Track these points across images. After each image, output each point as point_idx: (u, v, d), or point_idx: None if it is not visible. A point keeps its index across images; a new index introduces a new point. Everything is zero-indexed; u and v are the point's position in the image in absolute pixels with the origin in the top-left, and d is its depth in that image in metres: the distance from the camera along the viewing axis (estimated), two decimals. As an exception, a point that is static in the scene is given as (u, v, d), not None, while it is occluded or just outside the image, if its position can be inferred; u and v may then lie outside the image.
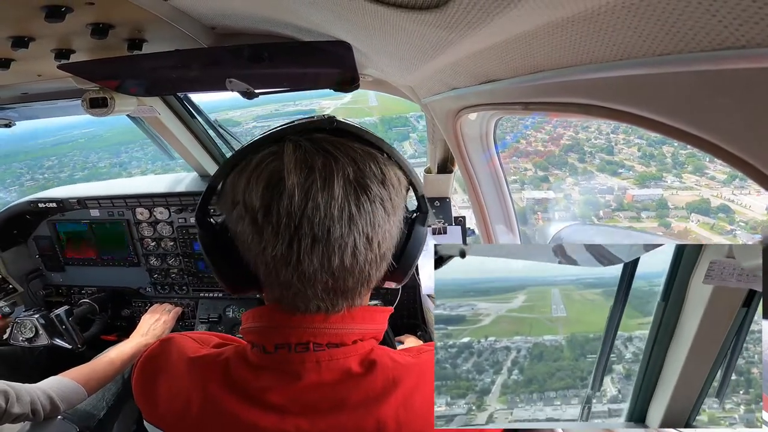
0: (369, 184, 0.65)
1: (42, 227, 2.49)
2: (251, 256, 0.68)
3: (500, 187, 1.68)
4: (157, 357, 0.81)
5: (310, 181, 0.62)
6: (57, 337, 2.02)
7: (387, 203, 0.67)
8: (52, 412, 1.43)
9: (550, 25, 0.50)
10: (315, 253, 0.63)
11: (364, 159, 0.66)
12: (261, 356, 0.71)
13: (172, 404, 0.74)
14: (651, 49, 0.42)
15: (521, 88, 0.78)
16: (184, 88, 1.88)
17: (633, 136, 6.29)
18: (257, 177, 0.65)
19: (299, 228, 0.62)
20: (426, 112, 1.60)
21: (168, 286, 2.50)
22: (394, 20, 0.68)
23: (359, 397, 0.68)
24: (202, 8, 1.02)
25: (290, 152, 0.64)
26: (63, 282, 2.58)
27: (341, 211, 0.62)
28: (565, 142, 6.72)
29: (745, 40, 0.32)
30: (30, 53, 1.07)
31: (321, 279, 0.65)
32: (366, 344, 0.73)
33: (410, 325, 2.16)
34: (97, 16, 0.96)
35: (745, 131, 0.40)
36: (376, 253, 0.68)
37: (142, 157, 10.78)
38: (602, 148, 6.57)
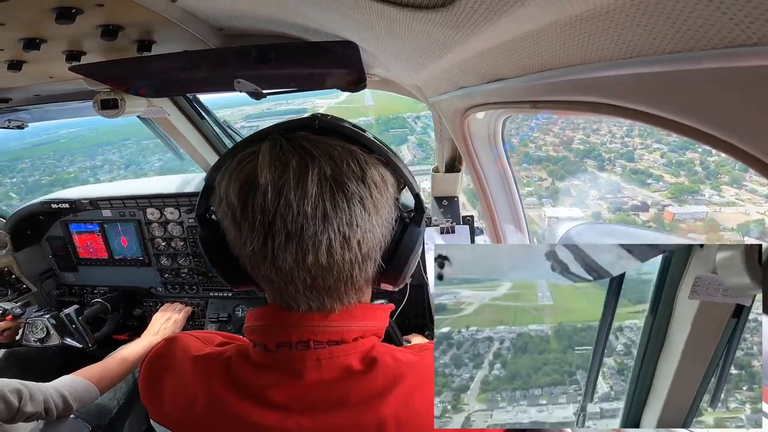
0: (346, 182, 0.64)
1: (55, 228, 2.53)
2: (237, 252, 0.70)
3: (509, 187, 1.67)
4: (163, 356, 0.82)
5: (283, 180, 0.63)
6: (68, 336, 2.05)
7: (367, 201, 0.66)
8: (65, 411, 1.45)
9: (558, 24, 0.50)
10: (289, 250, 0.64)
11: (342, 156, 0.66)
12: (263, 355, 0.71)
13: (178, 403, 0.76)
14: (661, 47, 0.41)
15: (529, 87, 0.78)
16: (193, 89, 1.89)
17: (650, 140, 5.87)
18: (237, 175, 0.66)
19: (272, 224, 0.63)
20: (433, 111, 1.59)
21: (178, 285, 2.53)
22: (401, 20, 0.67)
23: (360, 395, 0.69)
24: (209, 9, 1.03)
25: (266, 151, 0.65)
26: (75, 282, 2.62)
27: (315, 209, 0.63)
28: (578, 147, 6.30)
29: (757, 38, 0.31)
30: (41, 55, 1.09)
31: (298, 276, 0.66)
32: (367, 341, 0.73)
33: (418, 324, 2.15)
34: (106, 17, 0.97)
35: (759, 129, 0.39)
36: (356, 253, 0.67)
37: (117, 161, 10.63)
38: (621, 154, 6.12)
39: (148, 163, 10.60)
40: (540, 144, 6.09)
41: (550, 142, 6.04)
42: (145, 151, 10.64)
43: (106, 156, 10.91)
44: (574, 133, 5.93)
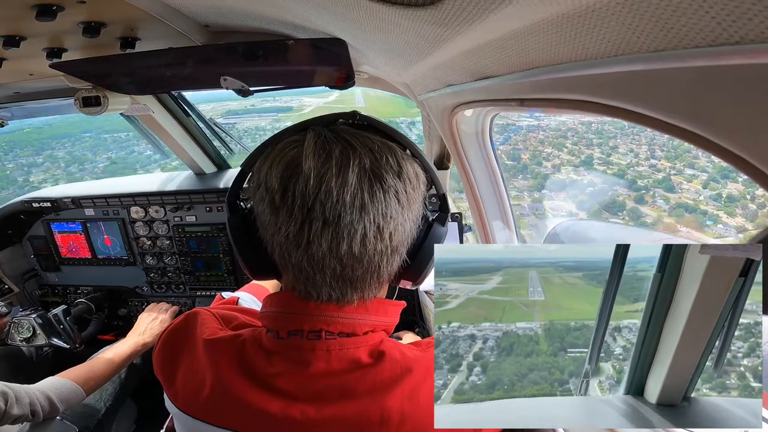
0: (384, 175, 0.66)
1: (36, 227, 2.48)
2: (268, 237, 0.71)
3: (497, 184, 1.68)
4: (181, 332, 0.84)
5: (326, 168, 0.64)
6: (55, 336, 2.01)
7: (401, 195, 0.68)
8: (51, 413, 1.43)
9: (545, 22, 0.50)
10: (324, 237, 0.65)
11: (381, 150, 0.68)
12: (274, 342, 0.73)
13: (188, 383, 0.77)
14: (645, 45, 0.42)
15: (516, 85, 0.78)
16: (178, 87, 1.86)
17: (681, 164, 4.65)
18: (279, 161, 0.68)
19: (312, 210, 0.64)
20: (422, 108, 1.60)
21: (165, 285, 2.49)
22: (389, 17, 0.68)
23: (366, 387, 0.70)
24: (195, 6, 1.02)
25: (311, 140, 0.67)
26: (59, 282, 2.57)
27: (353, 198, 0.64)
28: (602, 168, 5.01)
29: (739, 36, 0.32)
30: (21, 52, 1.07)
31: (329, 264, 0.67)
32: (377, 336, 0.75)
33: (408, 321, 2.16)
34: (88, 14, 0.95)
35: (740, 127, 0.40)
36: (387, 245, 0.68)
37: (63, 157, 9.63)
38: (657, 181, 4.73)
39: (92, 163, 9.61)
40: (556, 162, 5.22)
41: (566, 161, 5.21)
42: (97, 147, 9.93)
43: (55, 152, 9.89)
44: (590, 149, 5.09)
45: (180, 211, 2.34)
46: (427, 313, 1.98)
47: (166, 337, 0.86)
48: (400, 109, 1.59)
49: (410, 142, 0.74)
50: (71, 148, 9.96)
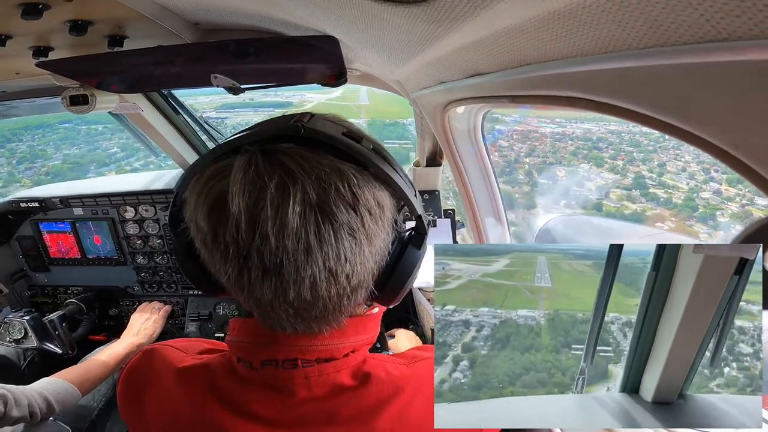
0: (334, 210, 0.55)
1: (25, 227, 2.44)
2: (212, 270, 0.63)
3: (488, 180, 1.69)
4: (141, 369, 0.79)
5: (259, 207, 0.54)
6: (48, 341, 2.00)
7: (359, 232, 0.58)
8: (48, 414, 1.42)
9: (536, 19, 0.51)
10: (267, 285, 0.57)
11: (330, 178, 0.56)
12: (248, 371, 0.68)
13: (160, 416, 0.72)
14: (635, 42, 0.42)
15: (508, 82, 0.79)
16: (167, 85, 1.84)
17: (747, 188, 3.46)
18: (204, 197, 0.58)
19: (248, 258, 0.56)
20: (414, 106, 1.60)
21: (156, 284, 2.48)
22: (381, 14, 0.67)
23: (352, 412, 0.66)
24: (184, 4, 1.01)
25: (239, 170, 0.56)
26: (48, 282, 2.54)
27: (296, 242, 0.54)
28: (659, 194, 3.93)
29: (726, 33, 0.32)
30: (7, 51, 1.05)
31: (280, 307, 0.60)
32: (358, 355, 0.70)
33: (402, 318, 2.17)
34: (75, 12, 0.94)
35: (728, 122, 0.41)
36: (344, 286, 0.60)
37: (24, 151, 9.00)
38: (734, 216, 3.62)
39: (45, 160, 8.75)
40: (600, 183, 4.16)
41: (613, 182, 4.02)
42: (66, 141, 9.27)
43: (20, 144, 9.12)
44: (635, 166, 4.11)
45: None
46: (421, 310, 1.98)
47: (126, 375, 0.80)
48: (406, 109, 1.48)
49: (374, 158, 0.60)
50: (40, 140, 9.26)
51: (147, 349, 0.81)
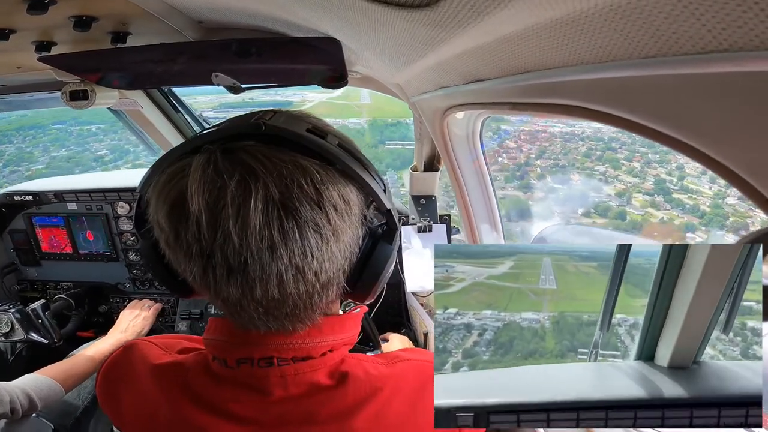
0: (298, 207, 0.55)
1: (17, 220, 2.42)
2: (179, 270, 0.63)
3: (485, 187, 1.70)
4: (119, 365, 0.78)
5: (220, 206, 0.54)
6: (33, 331, 1.97)
7: (324, 228, 0.57)
8: (30, 410, 1.40)
9: (538, 26, 0.51)
10: (233, 284, 0.57)
11: (293, 175, 0.55)
12: (223, 370, 0.67)
13: (138, 414, 0.72)
14: (636, 51, 0.43)
15: (508, 89, 0.79)
16: (168, 83, 1.84)
17: None
18: (164, 197, 0.58)
19: (211, 257, 0.56)
20: (413, 110, 1.61)
21: (148, 281, 2.46)
22: (384, 18, 0.68)
23: (330, 412, 0.66)
24: (189, 2, 1.01)
25: (197, 169, 0.55)
26: (38, 277, 2.52)
27: (260, 240, 0.54)
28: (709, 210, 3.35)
29: (728, 44, 0.33)
30: (10, 45, 1.05)
31: (249, 305, 0.59)
32: (336, 354, 0.69)
33: (395, 323, 2.16)
34: (81, 8, 0.94)
35: (726, 135, 0.41)
36: (313, 283, 0.59)
37: (12, 153, 8.75)
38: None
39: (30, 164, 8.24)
40: (619, 187, 3.84)
41: (632, 185, 3.69)
42: (56, 142, 8.90)
43: (10, 147, 8.76)
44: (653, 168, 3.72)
45: None
46: (413, 314, 1.98)
47: (105, 371, 0.79)
48: (408, 109, 1.45)
49: (339, 154, 0.60)
50: (30, 142, 8.99)
51: (127, 345, 0.80)
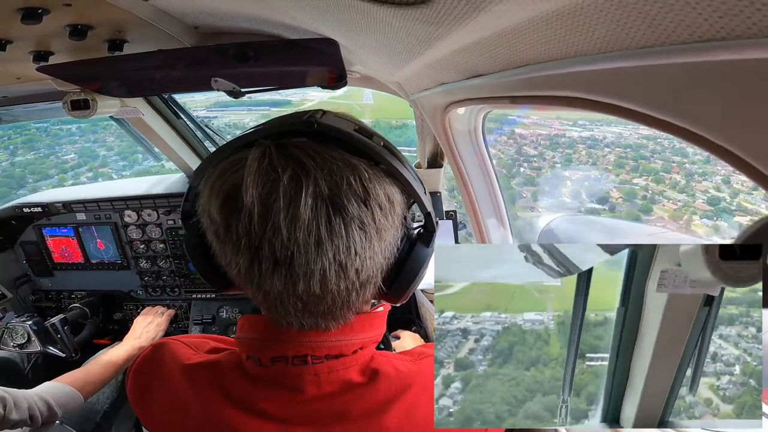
0: (345, 203, 0.56)
1: (28, 232, 2.45)
2: (223, 264, 0.64)
3: (490, 181, 1.69)
4: (150, 363, 0.79)
5: (272, 199, 0.55)
6: (50, 345, 2.01)
7: (369, 226, 0.58)
8: (50, 418, 1.42)
9: (535, 19, 0.51)
10: (277, 277, 0.58)
11: (342, 172, 0.57)
12: (257, 368, 0.68)
13: (169, 413, 0.73)
14: (634, 41, 0.42)
15: (508, 82, 0.79)
16: (168, 89, 1.85)
17: None
18: (218, 189, 0.59)
19: (259, 249, 0.57)
20: (414, 108, 1.60)
21: (159, 288, 2.48)
22: (381, 16, 0.67)
23: (362, 409, 0.66)
24: (183, 7, 1.01)
25: (253, 162, 0.57)
26: (52, 287, 2.55)
27: (307, 235, 0.55)
28: None
29: (725, 32, 0.32)
30: (7, 56, 1.05)
31: (288, 301, 0.60)
32: (366, 352, 0.70)
33: (405, 320, 2.16)
34: (75, 17, 0.94)
35: (727, 120, 0.40)
36: (354, 281, 0.60)
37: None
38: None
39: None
40: (669, 207, 3.23)
41: (684, 204, 3.10)
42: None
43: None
44: (698, 182, 3.13)
45: (173, 214, 2.33)
46: (423, 311, 1.98)
47: (135, 369, 0.81)
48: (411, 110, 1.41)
49: (385, 154, 0.62)
50: (4, 143, 8.13)
51: (157, 343, 0.81)
